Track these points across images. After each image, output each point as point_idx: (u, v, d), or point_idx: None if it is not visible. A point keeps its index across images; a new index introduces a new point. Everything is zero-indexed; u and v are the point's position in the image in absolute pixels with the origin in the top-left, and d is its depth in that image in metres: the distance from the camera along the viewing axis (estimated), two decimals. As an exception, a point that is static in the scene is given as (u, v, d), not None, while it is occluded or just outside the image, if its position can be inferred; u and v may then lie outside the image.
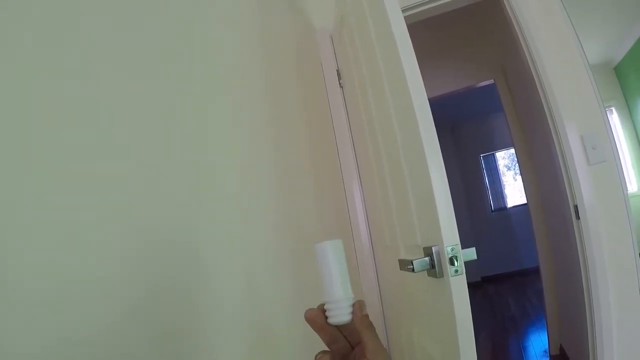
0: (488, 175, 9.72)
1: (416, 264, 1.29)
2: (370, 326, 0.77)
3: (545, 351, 4.40)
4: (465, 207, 9.20)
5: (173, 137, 1.18)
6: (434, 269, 1.28)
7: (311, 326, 0.78)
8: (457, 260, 1.22)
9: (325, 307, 0.79)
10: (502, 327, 5.72)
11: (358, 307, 0.77)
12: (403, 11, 2.66)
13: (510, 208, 9.58)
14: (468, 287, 1.22)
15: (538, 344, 4.74)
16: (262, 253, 1.49)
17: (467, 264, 1.26)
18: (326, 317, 0.78)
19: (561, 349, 4.07)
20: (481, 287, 8.32)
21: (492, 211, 9.55)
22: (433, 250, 1.28)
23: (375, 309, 2.51)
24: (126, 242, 0.89)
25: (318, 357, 0.78)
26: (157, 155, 1.08)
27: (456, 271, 1.21)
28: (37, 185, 0.73)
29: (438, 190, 1.28)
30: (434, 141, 1.34)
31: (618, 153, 2.37)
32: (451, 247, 1.23)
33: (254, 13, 2.01)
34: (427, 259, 1.30)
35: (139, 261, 0.91)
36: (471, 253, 1.26)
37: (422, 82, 1.41)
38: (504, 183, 9.84)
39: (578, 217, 2.33)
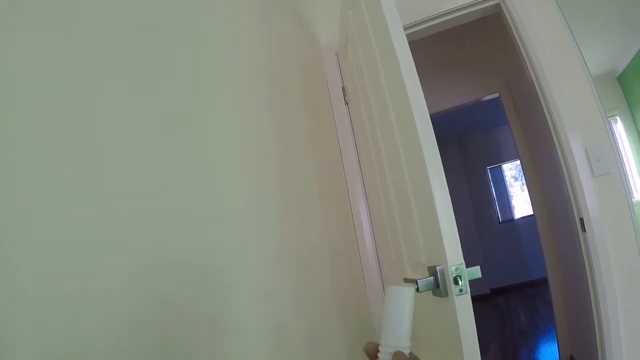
0: (495, 188, 9.69)
1: (421, 283, 1.30)
2: None
3: (555, 363, 4.38)
4: (473, 219, 9.19)
5: (186, 155, 1.19)
6: (438, 288, 1.29)
7: (368, 355, 0.84)
8: (461, 280, 1.22)
9: (380, 348, 0.82)
10: (512, 338, 5.68)
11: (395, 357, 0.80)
12: (405, 29, 2.69)
13: (517, 219, 9.53)
14: (477, 299, 1.23)
15: (548, 355, 4.71)
16: (269, 273, 1.49)
17: (476, 275, 1.27)
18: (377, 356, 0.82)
19: (572, 359, 4.06)
20: (490, 299, 8.26)
21: (499, 223, 9.51)
22: (437, 270, 1.29)
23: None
24: (136, 252, 0.89)
25: None
26: (168, 168, 1.10)
27: (461, 290, 1.22)
28: (48, 189, 0.74)
29: (441, 210, 1.29)
30: (437, 161, 1.34)
31: (623, 164, 2.37)
32: (455, 266, 1.23)
33: (261, 30, 2.03)
34: (431, 278, 1.30)
35: (148, 272, 0.91)
36: (475, 272, 1.26)
37: (425, 102, 1.42)
38: (511, 194, 9.81)
39: (584, 230, 2.33)
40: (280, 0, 2.46)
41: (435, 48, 4.56)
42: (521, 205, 9.70)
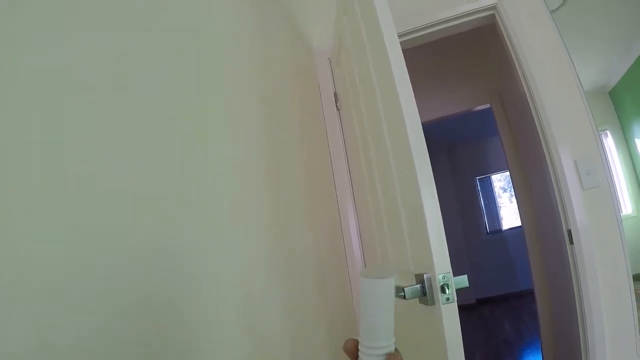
0: (484, 198, 9.72)
1: (407, 291, 1.30)
2: None
3: (539, 375, 4.39)
4: (461, 229, 9.21)
5: (185, 156, 1.19)
6: (425, 296, 1.29)
7: (347, 355, 0.76)
8: (448, 288, 1.22)
9: (359, 347, 0.74)
10: (497, 349, 5.69)
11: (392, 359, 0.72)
12: (400, 36, 2.70)
13: (505, 230, 9.56)
14: (463, 309, 1.23)
15: (533, 367, 4.73)
16: (255, 274, 1.49)
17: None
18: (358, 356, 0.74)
19: (556, 372, 4.06)
20: (476, 309, 8.28)
21: (487, 233, 9.53)
22: (425, 278, 1.29)
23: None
24: (112, 248, 0.88)
25: None
26: (167, 169, 1.10)
27: (447, 299, 1.22)
28: (25, 185, 0.73)
29: (430, 218, 1.29)
30: (427, 169, 1.35)
31: (612, 178, 2.38)
32: (443, 274, 1.23)
33: (257, 31, 2.03)
34: (418, 286, 1.30)
35: (126, 268, 0.90)
36: (463, 281, 1.26)
37: (417, 112, 1.42)
38: (500, 205, 9.84)
39: (572, 242, 2.33)
40: (274, 2, 2.47)
41: (427, 57, 4.58)
42: (509, 216, 9.74)
